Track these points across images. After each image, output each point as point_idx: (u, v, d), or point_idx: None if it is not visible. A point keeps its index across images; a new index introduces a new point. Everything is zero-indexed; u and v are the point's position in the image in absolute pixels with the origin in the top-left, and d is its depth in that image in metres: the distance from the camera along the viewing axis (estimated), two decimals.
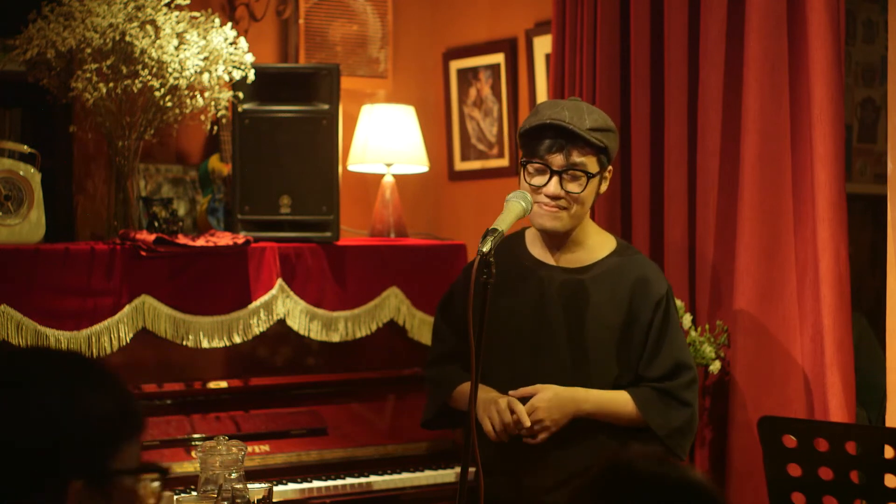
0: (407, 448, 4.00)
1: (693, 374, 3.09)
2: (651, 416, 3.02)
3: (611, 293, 3.07)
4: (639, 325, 3.06)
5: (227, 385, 3.90)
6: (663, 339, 3.06)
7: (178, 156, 4.43)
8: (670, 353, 3.06)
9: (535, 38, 4.56)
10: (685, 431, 3.07)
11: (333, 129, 4.04)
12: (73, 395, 1.57)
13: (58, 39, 3.73)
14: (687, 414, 3.07)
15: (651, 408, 3.03)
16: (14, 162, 3.73)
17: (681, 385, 3.06)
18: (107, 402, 1.59)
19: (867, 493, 2.78)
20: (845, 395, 3.39)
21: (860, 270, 4.83)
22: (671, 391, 3.05)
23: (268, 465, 3.77)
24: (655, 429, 3.03)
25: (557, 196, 3.01)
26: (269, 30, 4.63)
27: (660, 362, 3.05)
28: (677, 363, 3.06)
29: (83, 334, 3.65)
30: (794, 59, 3.52)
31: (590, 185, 3.03)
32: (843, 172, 3.45)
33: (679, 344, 3.10)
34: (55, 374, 1.59)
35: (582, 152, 3.00)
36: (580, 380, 3.04)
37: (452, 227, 4.85)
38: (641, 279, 3.08)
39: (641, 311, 3.06)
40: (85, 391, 1.59)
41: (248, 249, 3.91)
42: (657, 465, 1.53)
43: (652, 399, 3.04)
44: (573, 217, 3.04)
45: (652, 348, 3.06)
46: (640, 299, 3.06)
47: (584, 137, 2.99)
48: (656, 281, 3.10)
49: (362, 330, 4.09)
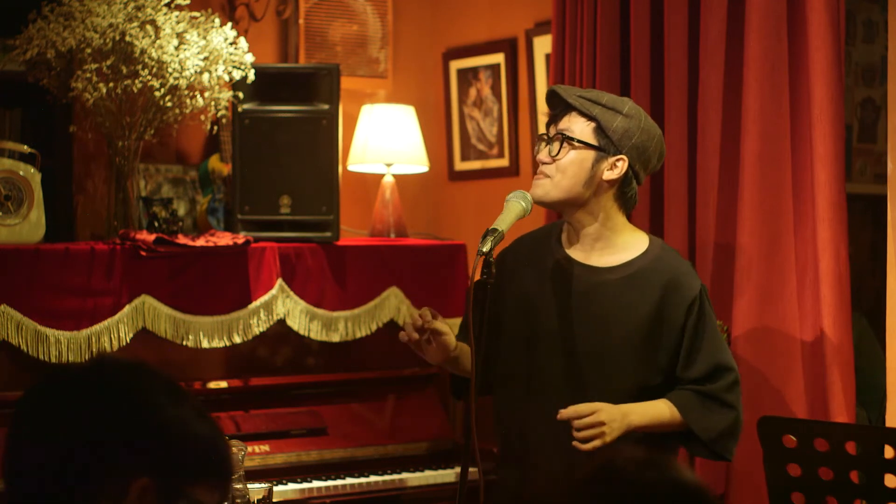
0: (407, 448, 4.00)
1: (735, 376, 3.01)
2: (694, 420, 2.95)
3: (638, 296, 2.98)
4: (669, 327, 2.97)
5: (227, 385, 3.90)
6: (700, 340, 2.97)
7: (178, 156, 4.43)
8: (709, 354, 2.97)
9: (535, 38, 4.56)
10: (731, 434, 3.00)
11: (333, 129, 4.04)
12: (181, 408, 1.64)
13: (58, 39, 3.73)
14: (732, 416, 2.99)
15: (693, 412, 2.95)
16: (14, 162, 3.73)
17: (723, 387, 2.98)
18: (206, 431, 1.65)
19: (867, 493, 2.78)
20: (845, 395, 3.39)
21: (860, 270, 4.82)
22: (713, 394, 2.97)
23: (268, 465, 3.77)
24: (699, 433, 2.95)
25: (543, 161, 2.98)
26: (269, 30, 4.63)
27: (699, 364, 2.97)
28: (717, 365, 2.98)
29: (83, 334, 3.65)
30: (794, 59, 3.52)
31: (575, 155, 2.96)
32: (843, 172, 3.45)
33: (718, 345, 3.01)
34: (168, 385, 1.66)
35: (572, 119, 2.98)
36: (601, 382, 2.96)
37: (452, 227, 4.85)
38: (672, 281, 2.99)
39: (673, 314, 2.97)
40: (191, 413, 1.65)
41: (248, 249, 3.91)
42: (645, 467, 1.52)
43: (693, 403, 2.96)
44: (555, 186, 2.97)
45: (688, 350, 2.97)
46: (671, 302, 2.97)
47: (567, 101, 2.97)
48: (688, 282, 3.00)
49: (362, 330, 4.09)
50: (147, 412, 1.61)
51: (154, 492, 1.57)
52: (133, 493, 1.56)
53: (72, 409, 1.60)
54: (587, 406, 2.87)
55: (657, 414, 2.95)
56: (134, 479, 1.56)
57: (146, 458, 1.58)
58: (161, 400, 1.62)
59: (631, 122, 2.98)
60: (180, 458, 1.61)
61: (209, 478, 1.64)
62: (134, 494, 1.56)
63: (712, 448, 2.98)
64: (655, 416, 2.95)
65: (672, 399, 2.97)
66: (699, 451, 3.03)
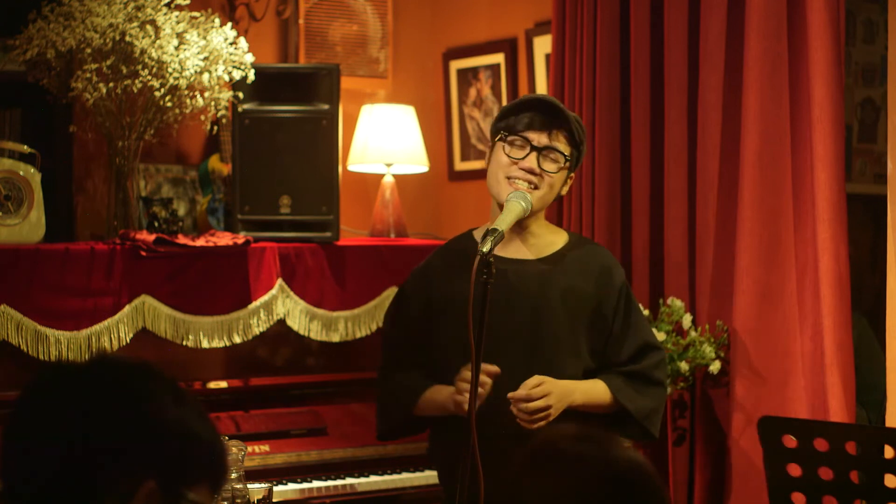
0: (407, 448, 3.99)
1: (662, 355, 3.12)
2: (627, 401, 3.03)
3: (577, 281, 3.07)
4: (605, 311, 3.07)
5: (227, 385, 3.90)
6: (628, 322, 3.08)
7: (178, 156, 4.43)
8: (636, 335, 3.08)
9: (535, 38, 4.56)
10: (659, 410, 3.10)
11: (333, 129, 4.04)
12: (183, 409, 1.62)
13: (58, 39, 3.73)
14: (660, 393, 3.10)
15: (625, 393, 3.03)
16: (14, 162, 3.73)
17: (650, 365, 3.07)
18: (207, 433, 1.64)
19: (867, 493, 2.78)
20: (845, 395, 3.39)
21: (860, 270, 4.82)
22: (642, 372, 3.07)
23: (268, 465, 3.77)
24: (633, 412, 3.03)
25: (532, 171, 2.99)
26: (269, 30, 4.63)
27: (628, 346, 3.07)
28: (645, 344, 3.08)
29: (83, 334, 3.65)
30: (794, 60, 3.52)
31: (562, 173, 3.04)
32: (843, 172, 3.45)
33: (644, 326, 3.13)
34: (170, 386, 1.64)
35: (561, 138, 3.02)
36: (551, 369, 2.99)
37: (452, 227, 4.83)
38: (604, 267, 3.09)
39: (607, 298, 3.07)
40: (193, 414, 1.64)
41: (248, 249, 3.91)
42: (583, 441, 1.53)
43: (624, 383, 3.05)
44: (540, 200, 3.02)
45: (619, 333, 3.07)
46: (604, 286, 3.07)
47: (570, 121, 3.02)
48: (616, 268, 3.12)
49: (362, 330, 4.09)
50: (152, 413, 1.59)
51: (159, 494, 1.56)
52: (140, 497, 1.55)
53: (74, 410, 1.58)
54: (539, 389, 2.93)
55: (595, 393, 3.03)
56: (141, 482, 1.55)
57: (152, 460, 1.57)
58: (164, 400, 1.61)
59: (585, 145, 3.10)
60: (185, 460, 1.61)
61: (208, 479, 1.64)
62: (141, 498, 1.55)
63: (644, 426, 3.05)
64: (594, 396, 3.03)
65: (604, 379, 3.05)
66: (631, 432, 3.08)
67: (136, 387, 1.62)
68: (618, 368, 3.07)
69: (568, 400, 2.98)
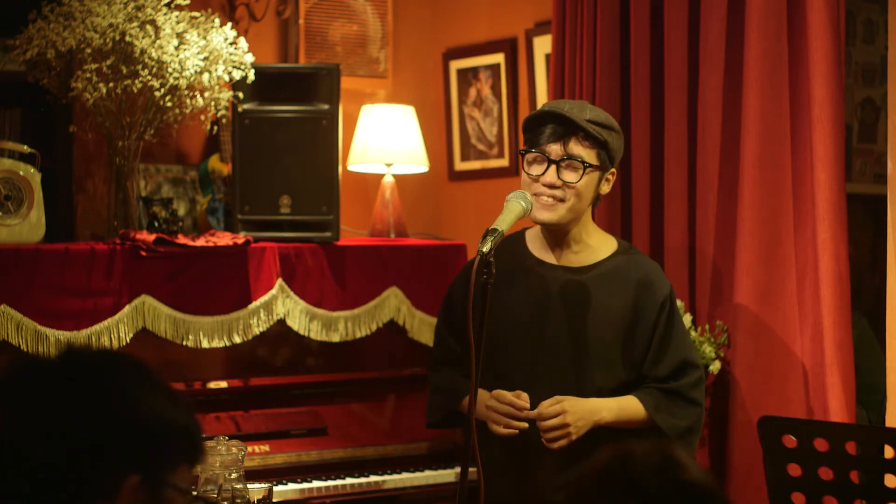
0: (407, 448, 4.00)
1: (700, 373, 3.09)
2: (661, 419, 3.01)
3: (614, 293, 3.06)
4: (643, 325, 3.05)
5: (227, 385, 3.90)
6: (668, 338, 3.05)
7: (178, 156, 4.43)
8: (676, 352, 3.06)
9: (535, 38, 4.56)
10: (694, 430, 3.07)
11: (333, 129, 4.04)
12: (156, 398, 1.62)
13: (58, 39, 3.73)
14: (696, 413, 3.06)
15: (661, 410, 3.02)
16: (14, 162, 3.73)
17: (688, 384, 3.05)
18: (181, 417, 1.64)
19: (867, 493, 2.78)
20: (845, 395, 3.39)
21: (860, 270, 4.82)
22: (679, 391, 3.04)
23: (268, 465, 3.77)
24: (667, 431, 3.01)
25: (553, 185, 3.00)
26: (269, 30, 4.63)
27: (666, 362, 3.05)
28: (684, 362, 3.06)
29: (83, 334, 3.65)
30: (794, 60, 3.52)
31: (588, 178, 3.01)
32: (843, 172, 3.45)
33: (685, 343, 3.10)
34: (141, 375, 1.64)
35: (580, 143, 3.01)
36: (582, 380, 3.02)
37: (452, 227, 4.85)
38: (645, 280, 3.08)
39: (646, 312, 3.05)
40: (165, 400, 1.63)
41: (248, 249, 3.91)
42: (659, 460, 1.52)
43: (660, 401, 3.03)
44: (570, 210, 3.02)
45: (657, 348, 3.05)
46: (644, 300, 3.06)
47: (582, 127, 3.00)
48: (659, 281, 3.10)
49: (362, 330, 4.09)
50: (125, 410, 1.59)
51: (143, 487, 1.57)
52: (125, 492, 1.55)
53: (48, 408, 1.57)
54: (554, 408, 2.95)
55: (626, 411, 3.02)
56: (124, 477, 1.55)
57: (131, 455, 1.57)
58: (136, 392, 1.61)
59: (620, 138, 3.09)
60: (162, 449, 1.61)
61: (187, 461, 1.64)
62: (126, 493, 1.55)
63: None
64: (624, 413, 3.02)
65: (639, 396, 3.03)
66: None
67: (108, 382, 1.61)
68: (655, 385, 3.05)
69: (593, 419, 2.97)
